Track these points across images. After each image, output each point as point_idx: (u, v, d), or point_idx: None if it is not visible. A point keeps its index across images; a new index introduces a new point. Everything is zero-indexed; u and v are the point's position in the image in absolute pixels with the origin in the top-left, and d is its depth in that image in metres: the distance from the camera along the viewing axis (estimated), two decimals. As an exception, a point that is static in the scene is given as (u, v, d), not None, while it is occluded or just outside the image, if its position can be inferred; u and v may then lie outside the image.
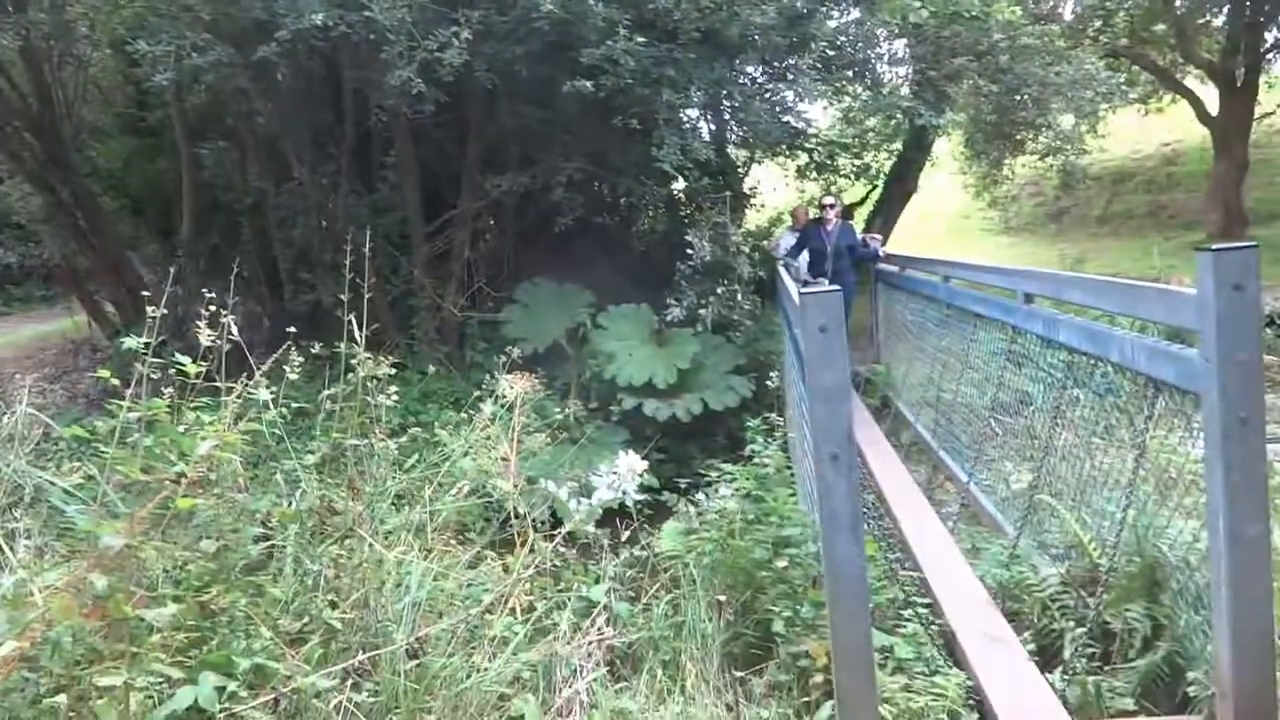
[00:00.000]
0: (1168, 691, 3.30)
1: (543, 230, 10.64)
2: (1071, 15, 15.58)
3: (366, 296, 3.49)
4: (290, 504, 3.17)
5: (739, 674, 3.55)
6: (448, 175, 10.57)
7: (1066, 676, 3.49)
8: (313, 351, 3.71)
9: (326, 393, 3.25)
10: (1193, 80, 19.20)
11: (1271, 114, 19.22)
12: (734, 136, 12.43)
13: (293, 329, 3.82)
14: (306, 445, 3.44)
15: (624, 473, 4.33)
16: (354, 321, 3.33)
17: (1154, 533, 3.64)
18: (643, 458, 4.76)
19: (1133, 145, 23.31)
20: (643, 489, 4.65)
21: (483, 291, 10.33)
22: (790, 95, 10.40)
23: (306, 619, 2.76)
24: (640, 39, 7.79)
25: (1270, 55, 18.90)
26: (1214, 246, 2.71)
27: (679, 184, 11.00)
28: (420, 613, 2.99)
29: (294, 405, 3.56)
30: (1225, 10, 17.97)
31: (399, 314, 10.12)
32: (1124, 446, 4.07)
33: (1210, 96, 18.42)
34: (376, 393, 3.56)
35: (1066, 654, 3.63)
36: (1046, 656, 3.75)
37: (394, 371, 3.76)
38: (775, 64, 10.15)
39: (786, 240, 10.87)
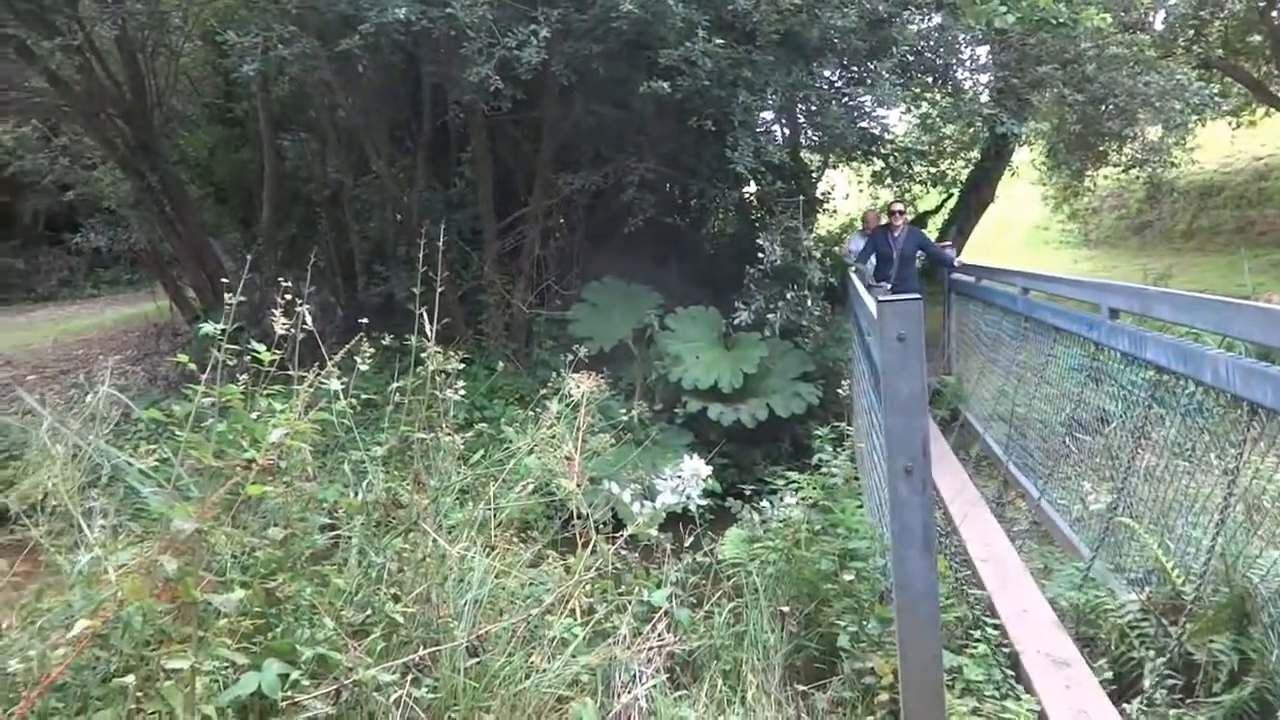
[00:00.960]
0: (1255, 730, 3.14)
1: (613, 230, 10.65)
2: (1162, 25, 15.08)
3: (438, 290, 3.49)
4: (357, 495, 3.19)
5: (801, 688, 3.47)
6: (521, 173, 10.66)
7: (1145, 708, 3.35)
8: (383, 343, 3.74)
9: (396, 385, 3.26)
10: (1290, 93, 18.47)
11: (1374, 129, 18.39)
12: (808, 140, 12.31)
13: (364, 320, 3.85)
14: (374, 437, 3.46)
15: (688, 476, 4.27)
16: (424, 315, 3.33)
17: (1244, 562, 3.47)
18: (706, 462, 4.70)
19: (1222, 159, 22.49)
20: (706, 494, 4.59)
21: (551, 289, 10.38)
22: (868, 100, 10.23)
23: (369, 611, 2.77)
24: (718, 40, 7.74)
25: (1374, 68, 18.09)
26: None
27: (751, 187, 10.92)
28: (481, 610, 2.98)
29: (363, 396, 3.59)
30: (1327, 20, 17.23)
31: (469, 309, 10.22)
32: (1211, 470, 3.90)
33: (1308, 110, 17.70)
34: (444, 387, 3.57)
35: (1146, 684, 3.48)
36: (1124, 685, 3.60)
37: (462, 366, 3.76)
38: (854, 68, 10.01)
39: (856, 244, 10.75)
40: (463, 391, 3.80)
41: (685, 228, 11.89)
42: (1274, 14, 16.92)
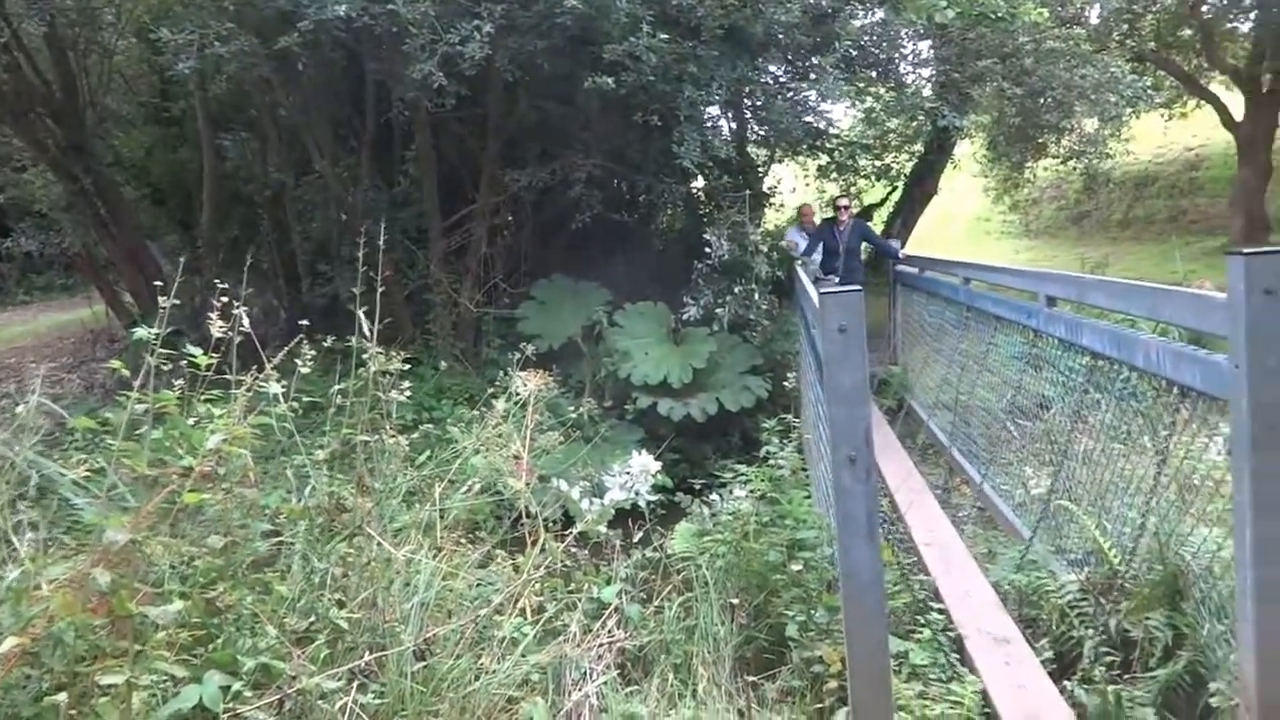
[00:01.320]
0: (1189, 701, 3.22)
1: (560, 227, 10.62)
2: (1098, 19, 15.41)
3: (379, 291, 3.46)
4: (299, 500, 3.14)
5: (752, 678, 3.50)
6: (467, 170, 10.57)
7: (1085, 685, 3.43)
8: (325, 345, 3.69)
9: (337, 387, 3.22)
10: (1217, 86, 18.99)
11: (1298, 119, 18.97)
12: (755, 135, 12.38)
13: (306, 322, 3.80)
14: (317, 441, 3.41)
15: (637, 473, 4.29)
16: (365, 316, 3.29)
17: (1176, 540, 3.56)
18: (657, 457, 4.72)
19: (1155, 150, 23.07)
20: (656, 489, 4.61)
21: (499, 287, 10.31)
22: (813, 95, 10.34)
23: (313, 618, 2.73)
24: (663, 35, 7.75)
25: (1297, 60, 18.64)
26: (1246, 250, 2.64)
27: (698, 182, 10.96)
28: (428, 613, 2.95)
29: (305, 399, 3.53)
30: (1253, 16, 17.73)
31: (416, 309, 10.12)
32: (1145, 452, 4.00)
33: (1235, 102, 18.21)
34: (388, 388, 3.53)
35: (1085, 661, 3.56)
36: (1065, 664, 3.68)
37: (406, 367, 3.72)
38: (798, 63, 10.09)
39: (793, 236, 10.85)
40: (408, 392, 3.76)
41: (633, 223, 11.89)
42: (1204, 8, 17.37)
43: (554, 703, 3.01)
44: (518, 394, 4.38)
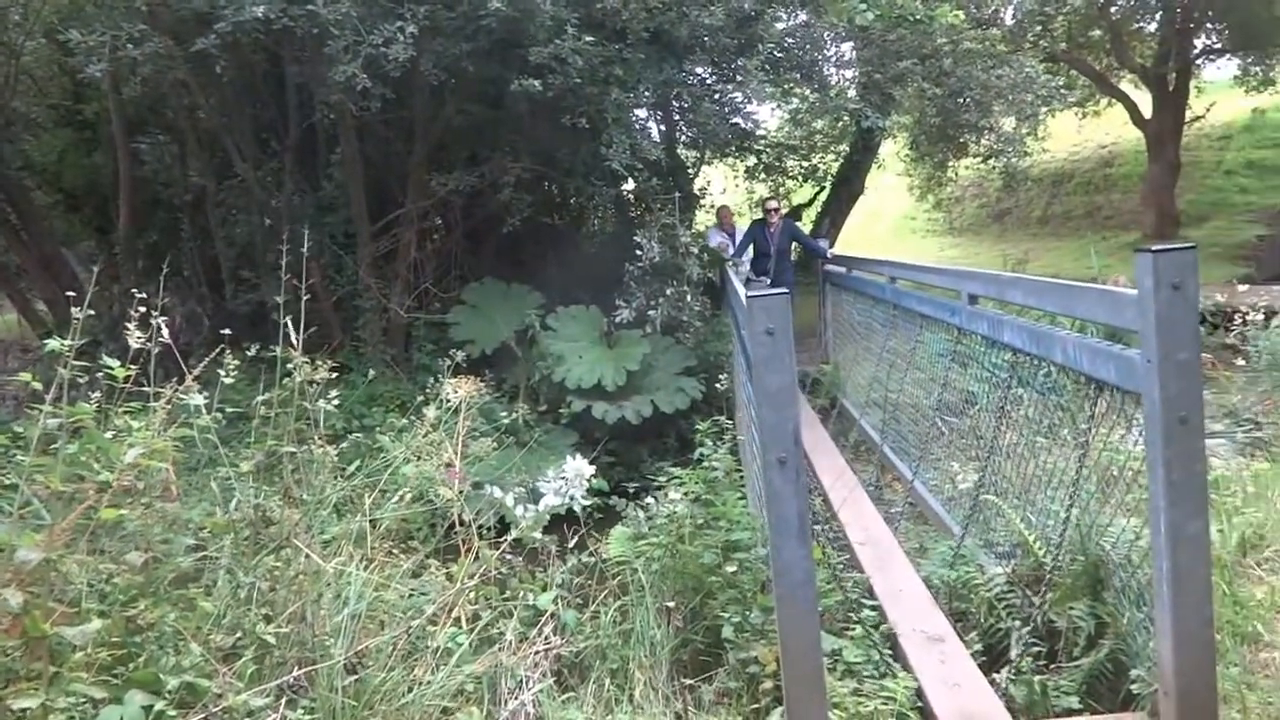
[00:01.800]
0: (1111, 689, 3.32)
1: (491, 231, 10.54)
2: (1012, 20, 15.84)
3: (304, 298, 3.39)
4: (224, 514, 3.06)
5: (688, 681, 3.51)
6: (395, 174, 10.42)
7: (1013, 676, 3.51)
8: (249, 354, 3.60)
9: (261, 397, 3.14)
10: (1127, 85, 19.67)
11: (1201, 118, 19.76)
12: (684, 137, 12.45)
13: (227, 331, 3.70)
14: (241, 452, 3.33)
15: (572, 477, 4.26)
16: (290, 323, 3.22)
17: (1097, 530, 3.67)
18: (592, 461, 4.70)
19: (1071, 148, 23.81)
20: (592, 493, 4.60)
21: (430, 292, 10.19)
22: (739, 96, 10.43)
23: (239, 634, 2.66)
24: (588, 38, 7.74)
25: (1199, 61, 19.43)
26: (1153, 247, 2.72)
27: (629, 184, 10.97)
28: (360, 625, 2.90)
29: (229, 410, 3.44)
30: (1157, 17, 18.42)
31: (345, 315, 9.95)
32: (1067, 446, 4.11)
33: (1144, 100, 18.88)
34: (316, 397, 3.46)
35: (1013, 653, 3.64)
36: (994, 656, 3.77)
37: (334, 375, 3.66)
38: (724, 65, 10.16)
39: (713, 238, 10.94)
40: (338, 401, 3.69)
41: (564, 226, 11.87)
42: (1112, 10, 17.98)
43: (490, 712, 2.99)
44: (448, 400, 4.33)
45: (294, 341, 3.20)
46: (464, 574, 3.38)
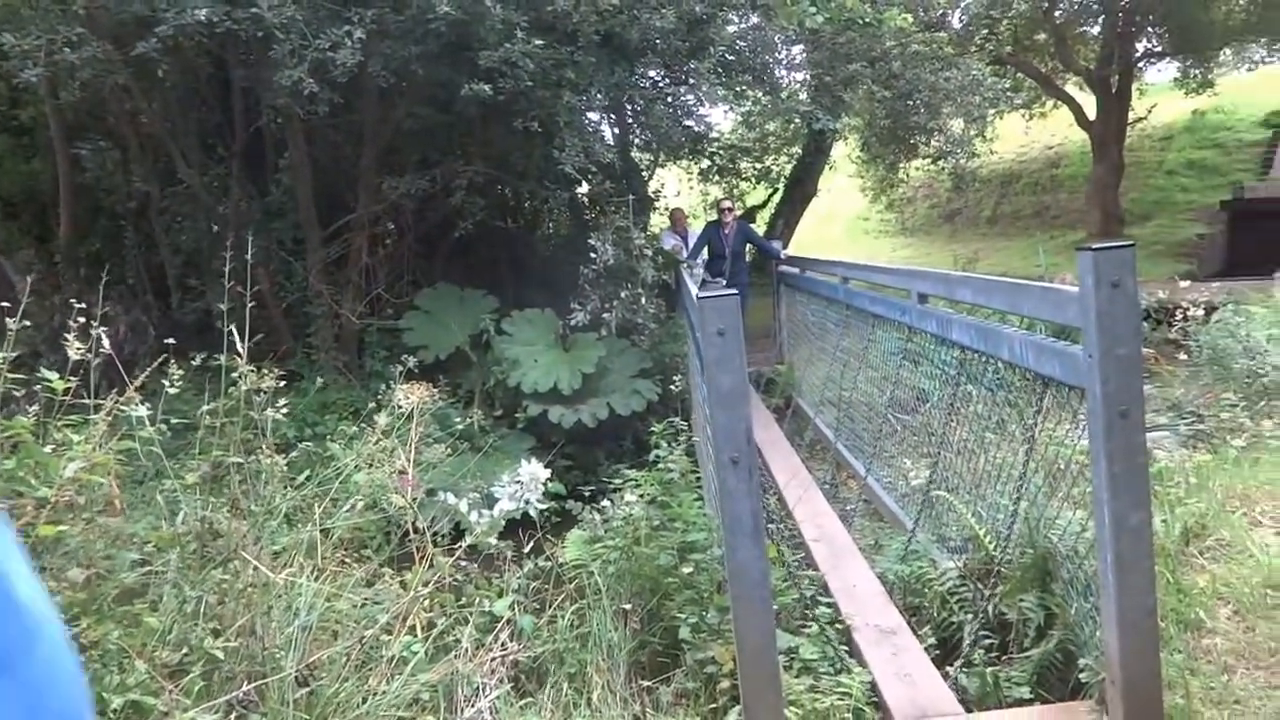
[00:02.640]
0: (1061, 678, 3.38)
1: (444, 235, 10.46)
2: (959, 24, 16.10)
3: (249, 305, 3.33)
4: (170, 527, 3.00)
5: (646, 683, 3.51)
6: (345, 178, 10.30)
7: (965, 668, 3.56)
8: (194, 363, 3.54)
9: (206, 407, 3.08)
10: (1072, 87, 20.06)
11: (1143, 119, 20.23)
12: (637, 140, 12.46)
13: (172, 340, 3.63)
14: (188, 464, 3.26)
15: (527, 481, 4.24)
16: (235, 331, 3.17)
17: (1045, 524, 3.74)
18: (548, 465, 4.68)
19: (1018, 149, 24.23)
20: (550, 496, 4.58)
21: (382, 298, 10.08)
22: (691, 99, 10.47)
23: (186, 649, 2.61)
24: (539, 41, 7.71)
25: (1141, 63, 19.89)
26: (1094, 246, 2.78)
27: (583, 187, 10.96)
28: (311, 636, 2.86)
29: (174, 421, 3.38)
30: (1100, 21, 18.82)
31: (296, 322, 9.80)
32: (1015, 441, 4.18)
33: (1088, 102, 19.27)
34: (265, 406, 3.41)
35: (965, 646, 3.69)
36: (947, 649, 3.82)
37: (282, 383, 3.60)
38: (676, 68, 10.19)
39: (667, 240, 10.98)
40: (288, 409, 3.64)
41: (519, 230, 11.81)
42: (1056, 13, 18.33)
43: (446, 720, 2.96)
44: (401, 407, 4.28)
45: (240, 349, 3.14)
46: (418, 582, 3.35)
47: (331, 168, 10.35)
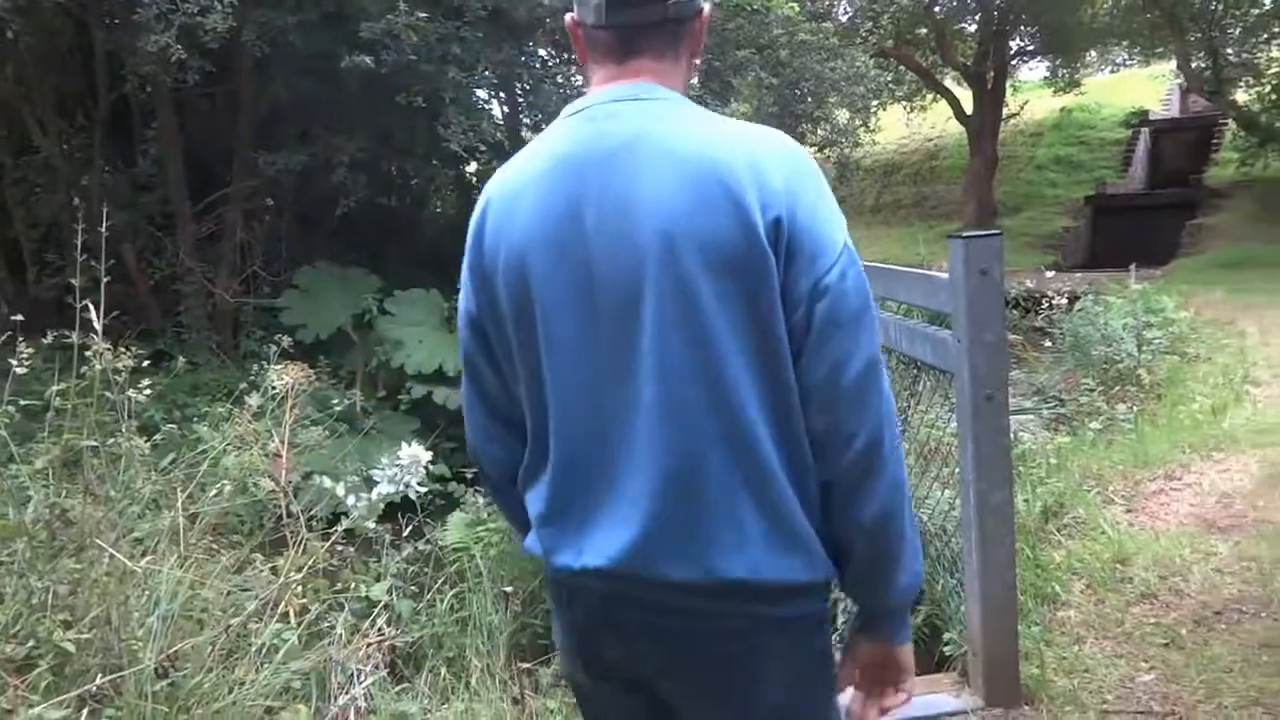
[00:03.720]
0: (927, 651, 3.51)
1: (325, 212, 10.11)
2: (845, 16, 16.48)
3: (107, 281, 3.15)
4: (17, 516, 2.81)
5: (526, 665, 3.50)
6: (219, 151, 9.84)
7: (838, 643, 3.65)
8: (44, 343, 3.33)
9: (56, 388, 2.90)
10: (951, 82, 20.80)
11: (1016, 115, 21.14)
12: (527, 120, 12.32)
13: (20, 317, 3.41)
14: (39, 449, 3.07)
15: (408, 464, 4.15)
16: (93, 308, 2.99)
17: (916, 503, 3.87)
18: (432, 447, 4.59)
19: (900, 140, 25.00)
20: (431, 479, 4.50)
21: (258, 276, 9.71)
22: (580, 80, 10.39)
23: (34, 643, 2.46)
24: (423, 14, 7.53)
25: (1015, 61, 20.77)
26: (964, 235, 2.89)
27: (471, 166, 10.78)
28: (174, 626, 2.73)
29: (24, 403, 3.17)
30: (977, 18, 19.55)
31: (166, 300, 9.36)
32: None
33: (966, 97, 20.02)
34: (125, 387, 3.23)
35: (839, 621, 3.80)
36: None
37: (147, 363, 3.43)
38: (566, 47, 10.11)
39: None
40: (149, 391, 3.46)
41: (404, 209, 11.55)
42: (936, 9, 18.95)
43: (318, 709, 2.88)
44: (275, 387, 4.14)
45: (96, 326, 2.97)
46: (290, 567, 3.24)
47: (204, 140, 9.89)
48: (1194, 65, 17.57)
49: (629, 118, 1.31)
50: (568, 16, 1.42)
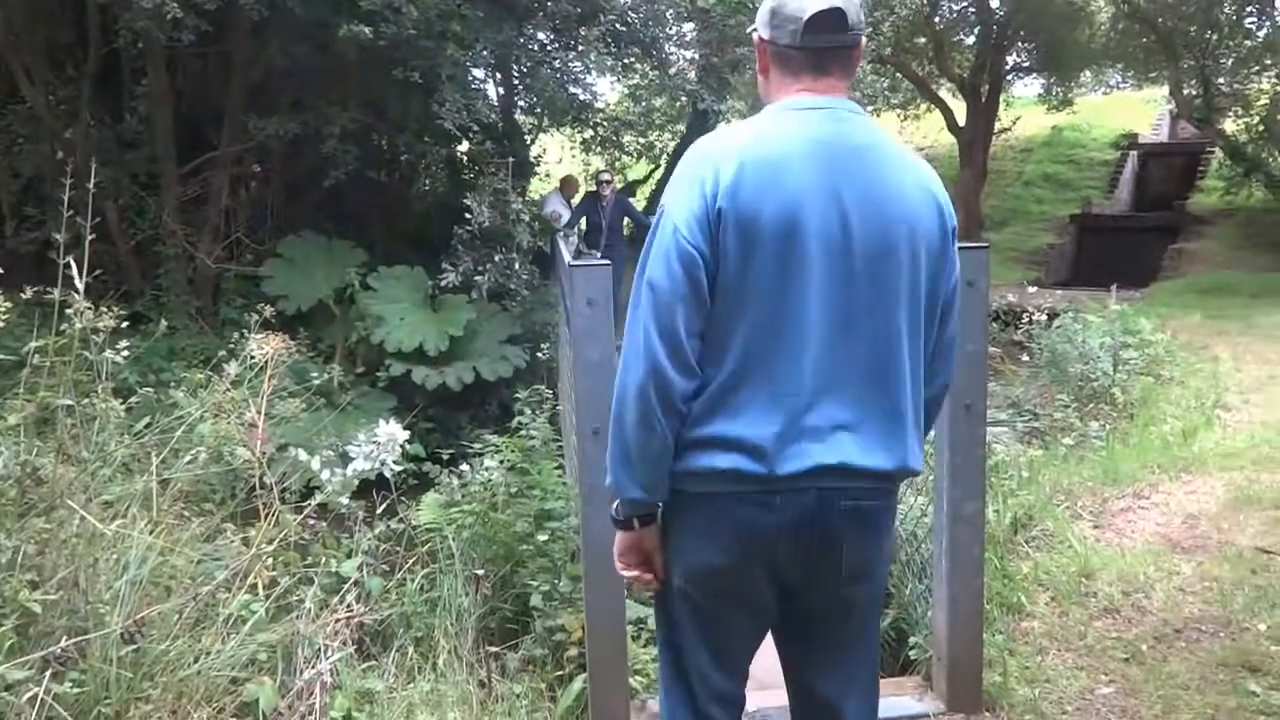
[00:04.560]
0: (893, 655, 3.54)
1: (313, 182, 10.03)
2: (845, 18, 16.44)
3: (89, 238, 3.11)
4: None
5: (494, 649, 3.50)
6: (209, 112, 9.74)
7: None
8: (23, 298, 3.28)
9: (33, 344, 2.86)
10: (946, 93, 20.84)
11: (1008, 130, 21.23)
12: (521, 102, 12.27)
13: (2, 270, 3.36)
14: (11, 405, 3.03)
15: (384, 442, 4.13)
16: (75, 264, 2.95)
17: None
18: (410, 426, 4.57)
19: (893, 147, 24.99)
20: (406, 459, 4.48)
21: (242, 243, 9.62)
22: (578, 66, 10.37)
23: (-1, 601, 2.44)
24: (424, -11, 7.49)
25: (1010, 76, 20.84)
26: (962, 245, 2.90)
27: (463, 146, 10.72)
28: (142, 592, 2.71)
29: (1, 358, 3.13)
30: (975, 31, 19.61)
31: (146, 262, 9.26)
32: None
33: (960, 109, 20.07)
34: (103, 347, 3.19)
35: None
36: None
37: (125, 324, 3.39)
38: (565, 33, 10.07)
39: (553, 204, 10.90)
40: (126, 352, 3.42)
41: (392, 184, 11.46)
42: (936, 20, 18.98)
43: (284, 682, 2.87)
44: (254, 357, 4.10)
45: (77, 284, 2.93)
46: (262, 539, 3.22)
47: (195, 99, 9.79)
48: (1186, 92, 17.69)
49: (860, 124, 1.77)
50: (755, 35, 1.85)
